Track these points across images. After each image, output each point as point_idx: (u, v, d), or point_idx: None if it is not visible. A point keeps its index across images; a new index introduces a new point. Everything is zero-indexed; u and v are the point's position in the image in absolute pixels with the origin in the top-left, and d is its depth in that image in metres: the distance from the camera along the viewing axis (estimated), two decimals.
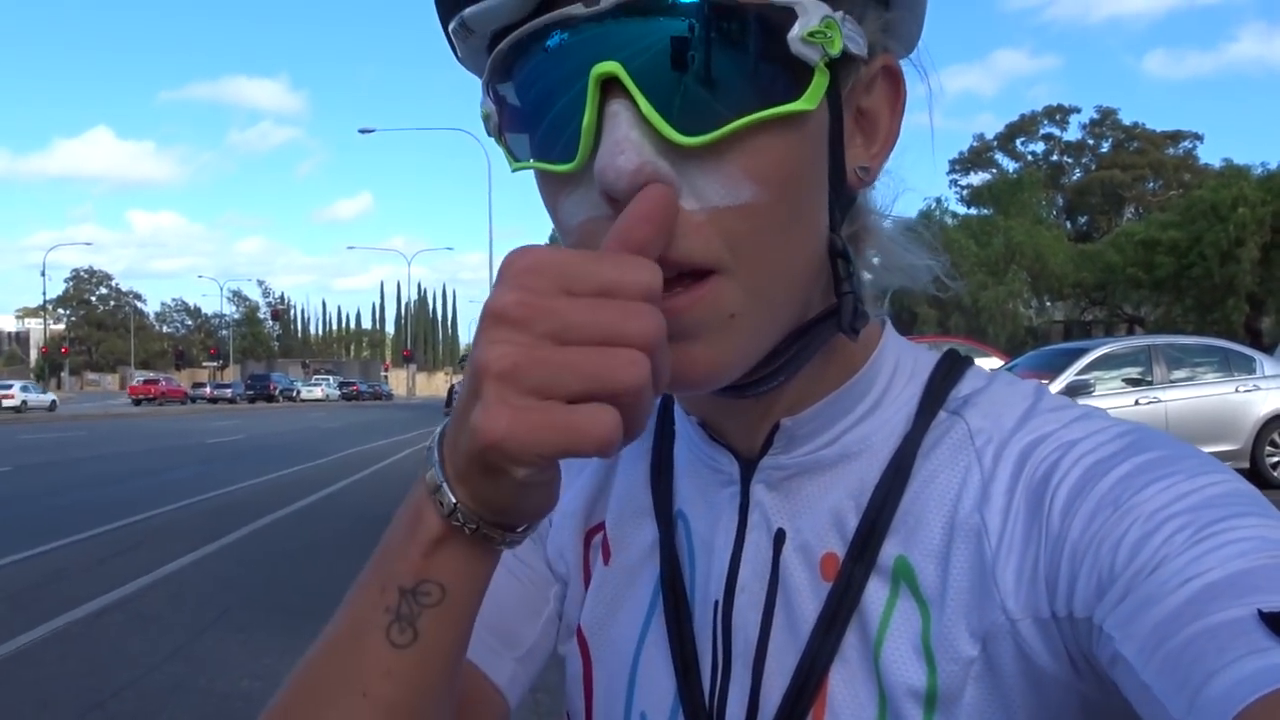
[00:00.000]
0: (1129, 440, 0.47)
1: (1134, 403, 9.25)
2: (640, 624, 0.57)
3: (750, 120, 0.42)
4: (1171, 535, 0.40)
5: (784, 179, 0.43)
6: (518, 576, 0.62)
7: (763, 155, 0.43)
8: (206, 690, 4.71)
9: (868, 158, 0.50)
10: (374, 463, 17.36)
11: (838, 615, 0.50)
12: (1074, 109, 47.36)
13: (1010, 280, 29.07)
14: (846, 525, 0.52)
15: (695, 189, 0.42)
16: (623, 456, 0.62)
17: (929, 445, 0.52)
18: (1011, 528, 0.47)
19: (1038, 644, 0.45)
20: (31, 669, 4.97)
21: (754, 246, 0.43)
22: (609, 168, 0.41)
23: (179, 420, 35.28)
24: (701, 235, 0.42)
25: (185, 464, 16.67)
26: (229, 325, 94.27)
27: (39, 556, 7.87)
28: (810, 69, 0.43)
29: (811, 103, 0.43)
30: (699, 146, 0.42)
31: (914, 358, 0.56)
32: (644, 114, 0.41)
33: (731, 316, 0.44)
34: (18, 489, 12.68)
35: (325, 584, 7.13)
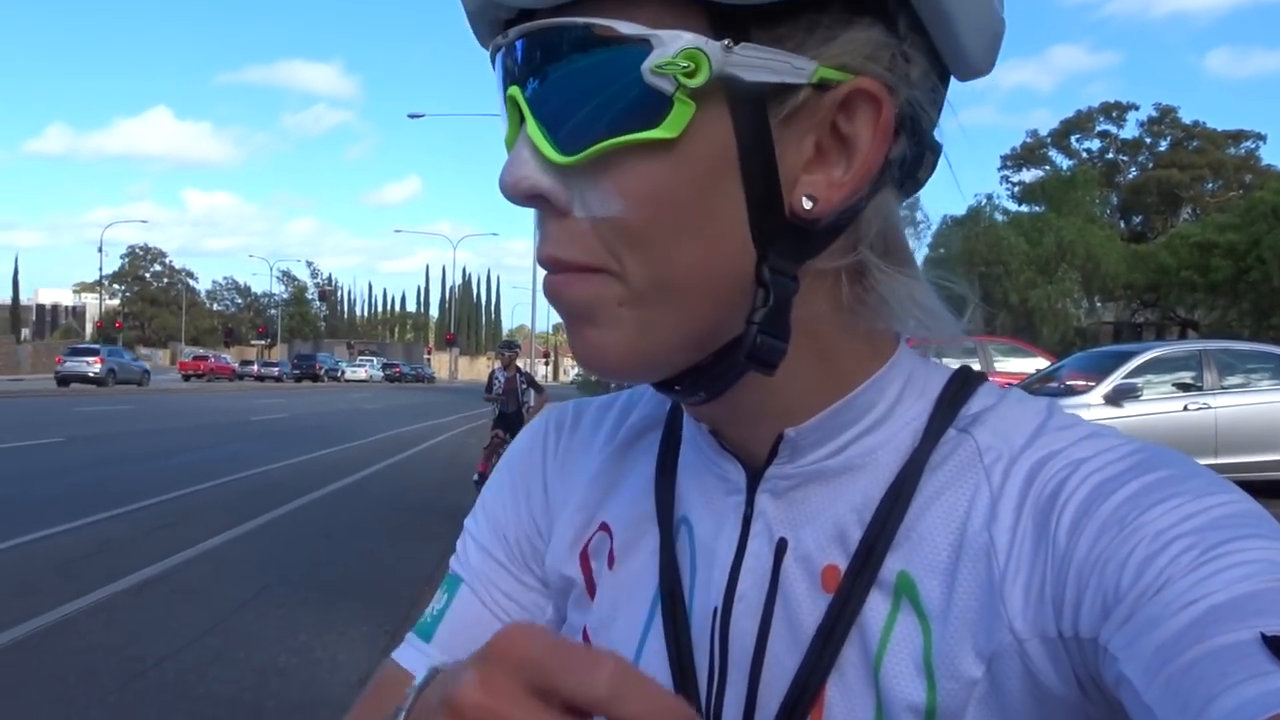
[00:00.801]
0: (1137, 459, 0.46)
1: (1183, 408, 9.07)
2: (641, 628, 0.58)
3: (610, 144, 0.45)
4: (1177, 556, 0.40)
5: (653, 199, 0.46)
6: (510, 615, 0.64)
7: (630, 175, 0.46)
8: (244, 663, 4.81)
9: (827, 184, 0.47)
10: (413, 445, 17.59)
11: (837, 627, 0.50)
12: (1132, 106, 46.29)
13: (1060, 280, 28.59)
14: (849, 538, 0.51)
15: (583, 200, 0.47)
16: (632, 461, 0.63)
17: (936, 462, 0.51)
18: (1019, 546, 0.47)
19: (1045, 664, 0.45)
20: (77, 637, 5.12)
21: (631, 254, 0.47)
22: (501, 179, 0.47)
23: (226, 397, 35.96)
24: (585, 240, 0.47)
25: (230, 441, 17.01)
26: (277, 305, 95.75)
27: (87, 527, 8.08)
28: (669, 99, 0.44)
29: (672, 131, 0.45)
30: (571, 165, 0.46)
31: (926, 373, 0.56)
32: (529, 134, 0.47)
33: (619, 306, 0.48)
34: (69, 460, 13.03)
35: (360, 565, 7.25)
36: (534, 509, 0.66)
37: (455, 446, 17.41)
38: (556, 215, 0.48)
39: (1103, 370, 9.51)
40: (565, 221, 0.47)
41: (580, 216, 0.47)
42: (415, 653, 0.64)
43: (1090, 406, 9.03)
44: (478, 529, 0.67)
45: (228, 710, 4.19)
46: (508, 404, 9.54)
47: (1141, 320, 34.45)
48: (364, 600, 6.13)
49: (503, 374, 9.67)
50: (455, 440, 18.95)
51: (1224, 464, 8.89)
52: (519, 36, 0.47)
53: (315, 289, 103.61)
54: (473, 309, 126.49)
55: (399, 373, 73.93)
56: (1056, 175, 36.34)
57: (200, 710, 4.18)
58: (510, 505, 0.67)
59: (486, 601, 0.64)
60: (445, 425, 23.13)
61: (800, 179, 0.47)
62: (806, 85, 0.46)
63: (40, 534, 7.66)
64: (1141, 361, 9.43)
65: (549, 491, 0.66)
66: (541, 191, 0.47)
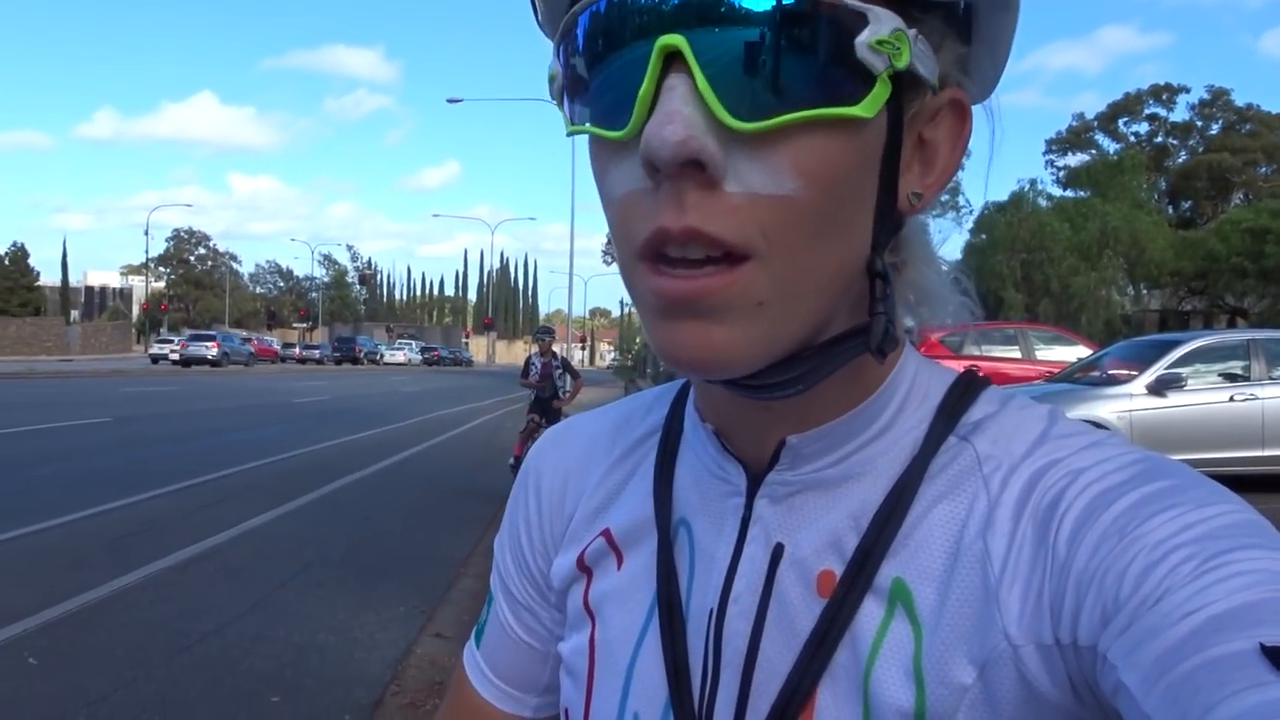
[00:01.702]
0: (1138, 469, 0.46)
1: (1228, 399, 8.88)
2: (639, 627, 0.58)
3: (804, 116, 0.42)
4: (1177, 566, 0.40)
5: (828, 180, 0.43)
6: (527, 641, 0.69)
7: (811, 153, 0.43)
8: (285, 641, 4.91)
9: (922, 186, 0.50)
10: (451, 428, 17.73)
11: (830, 632, 0.50)
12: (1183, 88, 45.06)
13: (1104, 267, 28.01)
14: (845, 544, 0.52)
15: (740, 174, 0.43)
16: (633, 466, 0.64)
17: (935, 470, 0.51)
18: (1016, 554, 0.46)
19: (1039, 670, 0.45)
20: (125, 612, 5.26)
21: (789, 239, 0.43)
22: (655, 136, 0.41)
23: (269, 379, 36.44)
24: (738, 218, 0.43)
25: (272, 422, 17.27)
26: (319, 288, 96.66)
27: (134, 505, 8.27)
28: (873, 77, 0.43)
29: (869, 110, 0.43)
30: (750, 133, 0.42)
31: (929, 379, 0.55)
32: (700, 91, 0.42)
33: (759, 304, 0.44)
34: (116, 440, 13.31)
35: (400, 545, 7.34)
36: (531, 539, 0.69)
37: (492, 430, 17.53)
38: (704, 186, 0.43)
39: (1146, 359, 9.33)
40: (714, 194, 0.43)
41: (735, 191, 0.43)
42: (472, 657, 0.73)
43: (1133, 396, 8.88)
44: (499, 555, 0.72)
45: (269, 685, 4.29)
46: (544, 389, 9.59)
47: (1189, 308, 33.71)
48: (401, 580, 6.22)
49: (539, 359, 9.72)
50: (492, 424, 19.07)
51: (1271, 456, 8.71)
52: None
53: (355, 273, 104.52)
54: (510, 293, 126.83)
55: (437, 356, 74.40)
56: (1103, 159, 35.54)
57: (243, 684, 4.28)
58: (510, 539, 0.71)
59: (504, 623, 0.71)
60: (482, 409, 23.27)
61: (902, 177, 0.48)
62: (931, 87, 0.47)
63: (91, 511, 7.86)
64: (1186, 351, 9.23)
65: (543, 517, 0.68)
66: (706, 157, 0.42)
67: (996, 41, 0.52)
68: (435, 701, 4.17)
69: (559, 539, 0.66)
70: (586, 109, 0.47)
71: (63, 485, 9.14)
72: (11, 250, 70.15)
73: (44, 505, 7.95)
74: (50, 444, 12.45)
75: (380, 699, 4.22)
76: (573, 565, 0.64)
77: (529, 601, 0.69)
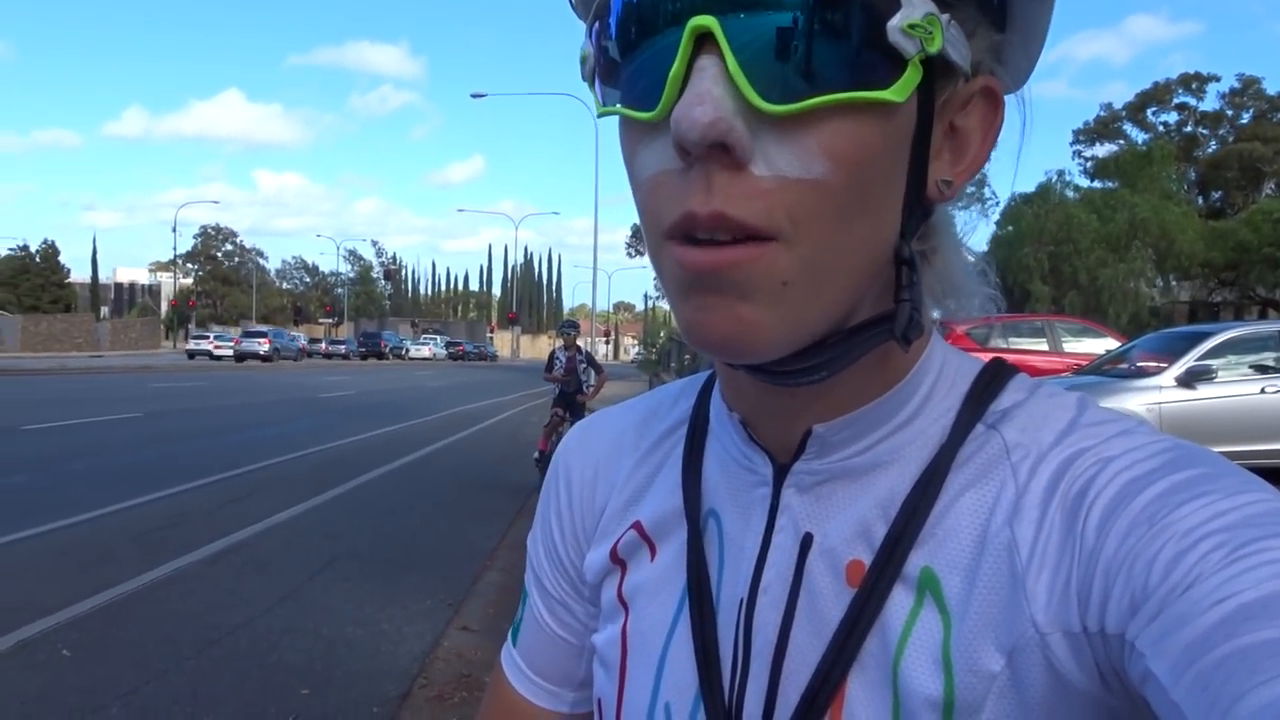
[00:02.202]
0: (1168, 457, 0.46)
1: (1260, 391, 8.75)
2: (671, 617, 0.59)
3: (836, 99, 0.42)
4: (1207, 554, 0.40)
5: (857, 164, 0.43)
6: (562, 636, 0.70)
7: (841, 136, 0.43)
8: (314, 634, 4.96)
9: (952, 174, 0.49)
10: (476, 422, 17.81)
11: (859, 621, 0.50)
12: (1213, 77, 44.32)
13: (1133, 258, 27.68)
14: (874, 534, 0.52)
15: (768, 157, 0.43)
16: (661, 458, 0.64)
17: (964, 458, 0.51)
18: (1045, 542, 0.46)
19: (1067, 658, 0.44)
20: (156, 605, 5.32)
21: (816, 222, 0.43)
22: (684, 117, 0.41)
23: (295, 374, 36.79)
24: (766, 201, 0.43)
25: (299, 417, 17.42)
26: (344, 283, 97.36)
27: (164, 499, 8.38)
28: (905, 61, 0.43)
29: (901, 95, 0.43)
30: (780, 115, 0.42)
31: (956, 367, 0.55)
32: (730, 73, 0.42)
33: (784, 284, 0.44)
34: (147, 435, 13.48)
35: (425, 539, 7.39)
36: (564, 533, 0.69)
37: (517, 424, 17.60)
38: (731, 168, 0.42)
39: (1176, 351, 9.21)
40: (741, 176, 0.42)
41: (763, 174, 0.42)
42: (510, 656, 0.74)
43: (1162, 389, 8.77)
44: (532, 550, 0.72)
45: (298, 677, 4.33)
46: (568, 383, 9.61)
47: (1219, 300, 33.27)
48: (428, 574, 6.26)
49: (563, 354, 9.74)
50: (517, 418, 19.15)
51: None
52: None
53: (380, 268, 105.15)
54: (534, 288, 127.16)
55: (462, 351, 74.82)
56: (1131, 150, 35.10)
57: (272, 678, 4.33)
58: (543, 535, 0.71)
59: (539, 621, 0.71)
60: (507, 403, 23.37)
61: (932, 164, 0.48)
62: (963, 73, 0.47)
63: (120, 505, 7.97)
64: (1217, 342, 9.10)
65: (574, 511, 0.68)
66: (734, 139, 0.42)
67: (1031, 30, 0.51)
68: (463, 694, 4.20)
69: (591, 532, 0.67)
70: (617, 91, 0.47)
71: (93, 480, 9.26)
72: (42, 248, 71.13)
73: (75, 500, 8.06)
74: (81, 439, 12.62)
75: (408, 691, 4.25)
76: (606, 558, 0.64)
77: (563, 596, 0.69)
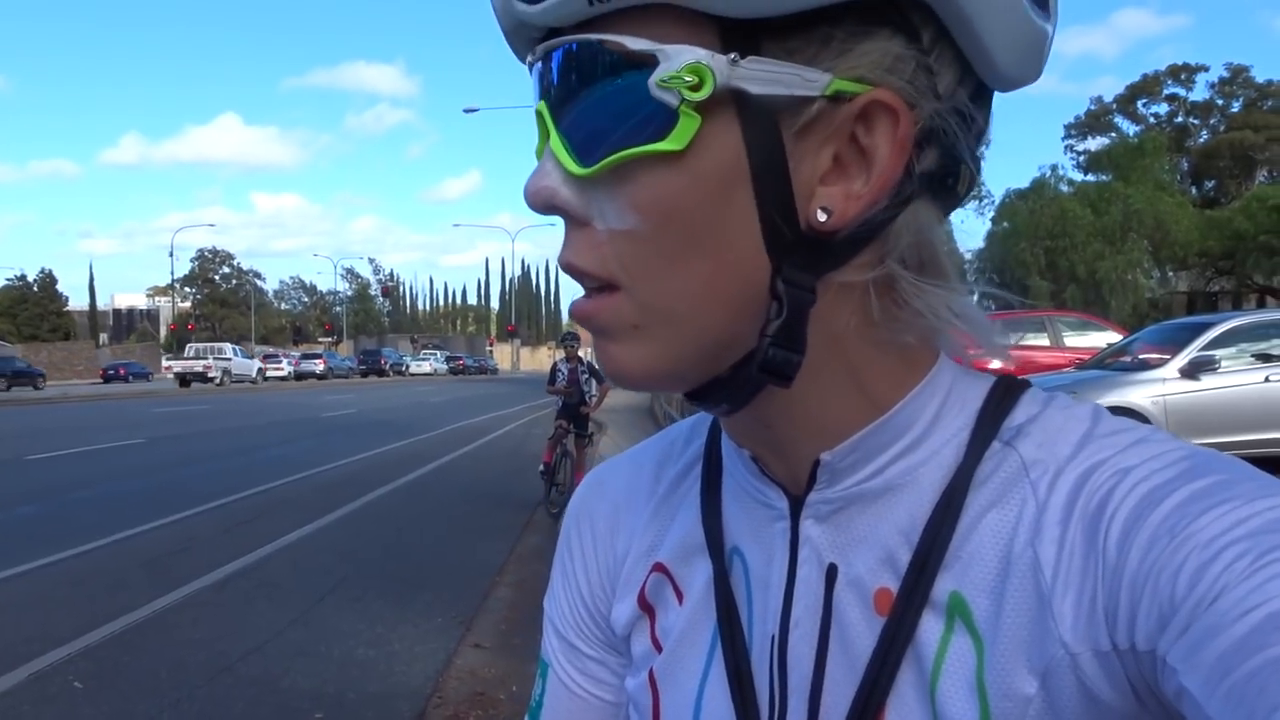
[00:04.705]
0: (1185, 466, 0.45)
1: (1264, 379, 8.75)
2: (704, 660, 0.58)
3: (621, 157, 0.46)
4: (1231, 563, 0.40)
5: (664, 212, 0.46)
6: (598, 696, 0.67)
7: (642, 188, 0.46)
8: (326, 656, 4.95)
9: (845, 196, 0.47)
10: (480, 436, 17.81)
11: (892, 650, 0.50)
12: (1201, 67, 44.55)
13: (1129, 250, 27.70)
14: (899, 560, 0.51)
15: (600, 212, 0.47)
16: (679, 499, 0.64)
17: (981, 478, 0.51)
18: (1068, 559, 0.46)
19: (1099, 677, 0.44)
20: (166, 632, 5.32)
21: (643, 269, 0.47)
22: (525, 189, 0.49)
23: (297, 394, 36.78)
24: (600, 253, 0.48)
25: (302, 437, 17.43)
26: (342, 302, 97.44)
27: (171, 525, 8.37)
28: (674, 112, 0.45)
29: (678, 143, 0.45)
30: (587, 176, 0.47)
31: (967, 385, 0.54)
32: (552, 146, 0.48)
33: (635, 327, 0.48)
34: (151, 460, 13.49)
35: (435, 556, 7.38)
36: (590, 583, 0.67)
37: (520, 438, 17.59)
38: (577, 225, 0.49)
39: (1178, 342, 9.20)
40: (585, 231, 0.48)
41: (600, 229, 0.48)
42: None
43: (1166, 380, 8.77)
44: (553, 611, 0.69)
45: (312, 701, 4.32)
46: (571, 395, 9.60)
47: (1216, 289, 33.30)
48: (438, 592, 6.25)
49: (565, 365, 9.73)
50: (520, 431, 19.14)
51: None
52: (544, 53, 0.49)
53: (378, 285, 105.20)
54: (532, 300, 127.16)
55: (462, 365, 74.85)
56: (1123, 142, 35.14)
57: (286, 702, 4.32)
58: (565, 590, 0.69)
59: (570, 686, 0.67)
60: (510, 416, 23.35)
61: (817, 191, 0.47)
62: (820, 98, 0.45)
63: (129, 532, 7.97)
64: (1219, 332, 9.09)
65: (599, 560, 0.67)
66: (559, 203, 0.48)
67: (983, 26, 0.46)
68: (477, 712, 4.19)
69: (615, 581, 0.65)
70: None
71: (100, 508, 9.26)
72: (40, 277, 71.21)
73: (82, 528, 8.05)
74: (86, 467, 12.62)
75: (422, 712, 4.24)
76: (634, 607, 0.63)
77: (596, 649, 0.67)
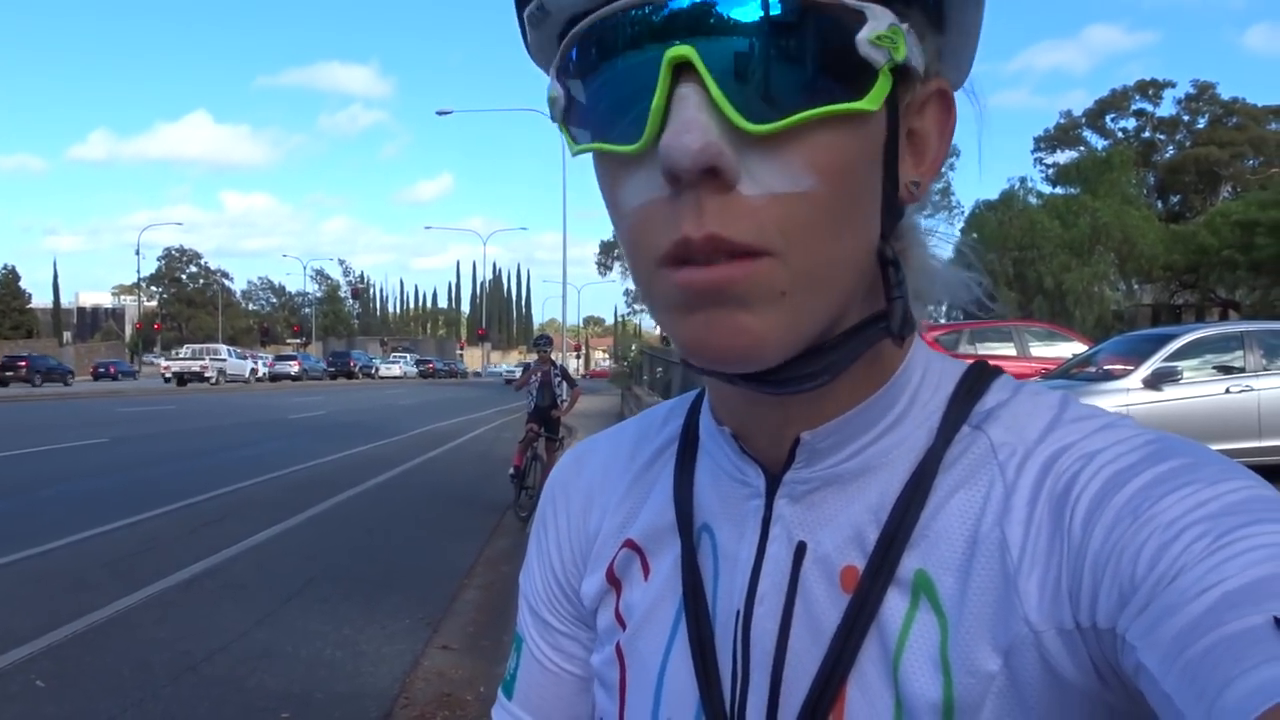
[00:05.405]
0: (1150, 450, 0.47)
1: (1224, 391, 8.91)
2: (668, 634, 0.59)
3: (815, 114, 0.43)
4: (1190, 544, 0.41)
5: (840, 174, 0.45)
6: (569, 671, 0.68)
7: (822, 149, 0.44)
8: (292, 657, 4.91)
9: (917, 175, 0.51)
10: (449, 440, 17.70)
11: (855, 627, 0.51)
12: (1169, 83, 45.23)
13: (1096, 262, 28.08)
14: (866, 539, 0.52)
15: (754, 175, 0.44)
16: (653, 477, 0.65)
17: (951, 460, 0.52)
18: (1034, 540, 0.47)
19: (1062, 655, 0.45)
20: (130, 632, 5.24)
21: (806, 234, 0.44)
22: (675, 145, 0.42)
23: (263, 396, 36.33)
24: (757, 219, 0.44)
25: (269, 439, 17.23)
26: (311, 303, 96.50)
27: (135, 525, 8.25)
28: (875, 71, 0.44)
29: (874, 104, 0.44)
30: (763, 135, 0.43)
31: (940, 370, 0.56)
32: (713, 98, 0.43)
33: (782, 294, 0.45)
34: (115, 460, 13.28)
35: (403, 558, 7.33)
36: (563, 559, 0.68)
37: (490, 441, 17.51)
38: (720, 191, 0.43)
39: (1141, 354, 9.35)
40: (730, 197, 0.43)
41: (751, 193, 0.44)
42: (504, 712, 0.71)
43: (1129, 391, 8.91)
44: (527, 586, 0.71)
45: (278, 702, 4.28)
46: (542, 397, 9.58)
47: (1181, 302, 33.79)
48: (406, 593, 6.21)
49: (539, 368, 9.70)
50: (490, 435, 19.05)
51: (1267, 446, 8.74)
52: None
53: (348, 287, 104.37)
54: (503, 304, 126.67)
55: (432, 369, 74.44)
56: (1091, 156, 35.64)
57: (251, 702, 4.28)
58: (539, 565, 0.70)
59: (542, 660, 0.69)
60: (479, 420, 23.22)
61: (900, 165, 0.50)
62: (919, 78, 0.49)
63: (93, 531, 7.85)
64: (1181, 344, 9.26)
65: (572, 536, 0.68)
66: (723, 162, 0.43)
67: (967, 30, 0.53)
68: (444, 713, 4.18)
69: (586, 556, 0.66)
70: (592, 127, 0.48)
71: (64, 506, 9.11)
72: (3, 273, 69.94)
73: (46, 527, 7.92)
74: (50, 466, 12.41)
75: (389, 712, 4.22)
76: (602, 581, 0.64)
77: (567, 624, 0.68)
